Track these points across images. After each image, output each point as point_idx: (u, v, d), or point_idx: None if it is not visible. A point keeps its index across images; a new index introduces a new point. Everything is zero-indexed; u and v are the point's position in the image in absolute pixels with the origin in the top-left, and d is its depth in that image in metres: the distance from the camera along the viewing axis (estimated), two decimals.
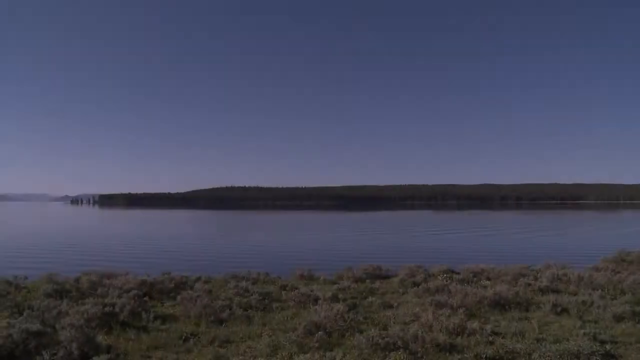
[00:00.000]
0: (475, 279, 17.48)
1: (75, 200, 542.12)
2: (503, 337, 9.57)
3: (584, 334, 9.51)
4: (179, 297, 13.21)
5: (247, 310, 12.25)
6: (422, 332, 9.04)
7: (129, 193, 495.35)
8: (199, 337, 9.90)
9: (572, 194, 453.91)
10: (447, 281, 16.08)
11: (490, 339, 9.41)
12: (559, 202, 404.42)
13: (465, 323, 10.29)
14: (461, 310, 11.67)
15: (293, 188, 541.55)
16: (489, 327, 10.08)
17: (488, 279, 17.66)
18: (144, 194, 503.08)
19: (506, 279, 17.20)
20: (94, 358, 7.81)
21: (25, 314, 10.69)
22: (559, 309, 11.95)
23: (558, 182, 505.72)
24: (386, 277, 19.24)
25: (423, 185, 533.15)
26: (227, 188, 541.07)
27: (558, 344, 8.61)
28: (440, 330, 9.78)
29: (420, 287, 15.06)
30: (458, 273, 19.04)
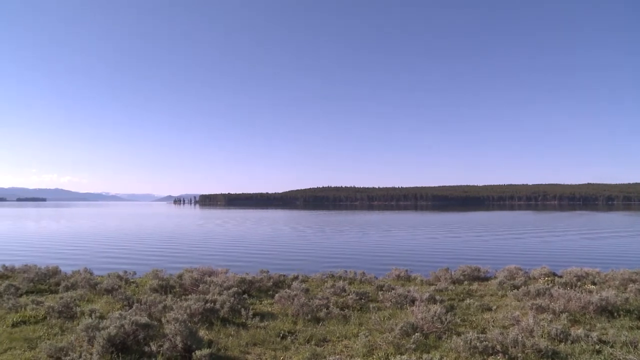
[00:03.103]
0: (579, 283, 16.61)
1: (178, 200, 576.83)
2: (612, 347, 9.05)
3: None
4: (277, 296, 13.66)
5: (344, 310, 12.47)
6: (522, 337, 8.84)
7: (228, 193, 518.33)
8: (296, 335, 10.19)
9: None
10: (548, 284, 15.47)
11: (597, 347, 8.96)
12: None
13: (569, 329, 9.92)
14: (564, 316, 11.21)
15: (389, 188, 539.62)
16: (595, 334, 9.55)
17: (593, 283, 16.72)
18: (242, 194, 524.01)
19: (614, 284, 16.21)
20: (196, 352, 8.26)
21: (134, 307, 11.64)
22: None
23: None
24: (484, 279, 18.80)
25: (522, 185, 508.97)
26: (323, 188, 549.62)
27: None
28: (542, 336, 9.50)
29: (520, 290, 14.59)
30: (560, 276, 18.22)
